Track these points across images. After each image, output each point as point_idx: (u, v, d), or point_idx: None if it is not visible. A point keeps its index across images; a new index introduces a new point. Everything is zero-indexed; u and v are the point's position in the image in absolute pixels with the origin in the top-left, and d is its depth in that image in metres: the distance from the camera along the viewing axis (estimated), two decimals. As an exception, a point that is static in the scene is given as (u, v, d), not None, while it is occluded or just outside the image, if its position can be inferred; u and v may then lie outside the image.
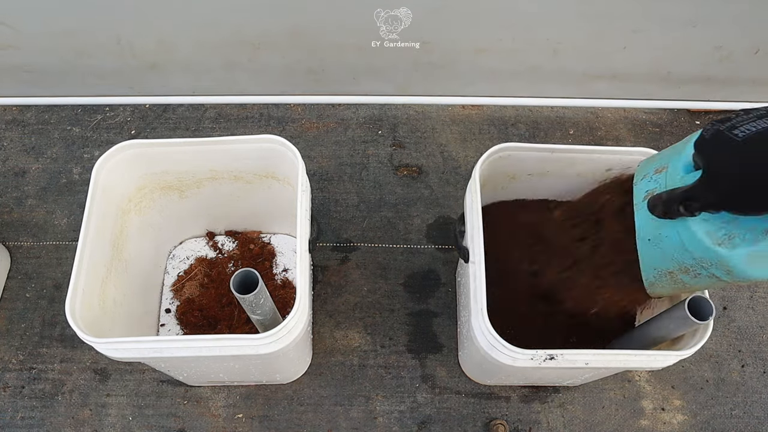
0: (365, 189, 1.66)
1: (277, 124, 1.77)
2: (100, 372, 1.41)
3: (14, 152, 1.71)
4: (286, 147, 1.15)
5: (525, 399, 1.39)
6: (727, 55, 1.56)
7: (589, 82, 1.70)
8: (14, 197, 1.64)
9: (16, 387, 1.39)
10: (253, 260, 1.50)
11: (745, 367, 1.45)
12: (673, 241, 0.80)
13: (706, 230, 0.75)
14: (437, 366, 1.43)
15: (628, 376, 1.43)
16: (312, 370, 1.42)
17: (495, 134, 1.76)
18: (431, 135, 1.75)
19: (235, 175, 1.28)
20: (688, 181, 0.75)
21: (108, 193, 1.15)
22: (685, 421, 1.39)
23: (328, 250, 1.57)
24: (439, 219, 1.62)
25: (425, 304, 1.50)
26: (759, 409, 1.40)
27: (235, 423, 1.36)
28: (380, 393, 1.39)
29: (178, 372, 1.23)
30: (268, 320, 1.07)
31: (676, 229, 0.79)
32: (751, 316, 1.51)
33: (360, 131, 1.76)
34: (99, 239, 1.11)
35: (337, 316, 1.48)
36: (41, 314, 1.47)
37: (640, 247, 0.87)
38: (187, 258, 1.52)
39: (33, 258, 1.55)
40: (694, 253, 0.78)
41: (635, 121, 1.80)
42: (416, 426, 1.36)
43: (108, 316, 1.11)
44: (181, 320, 1.42)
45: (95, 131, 1.75)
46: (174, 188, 1.31)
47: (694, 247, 0.77)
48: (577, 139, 1.76)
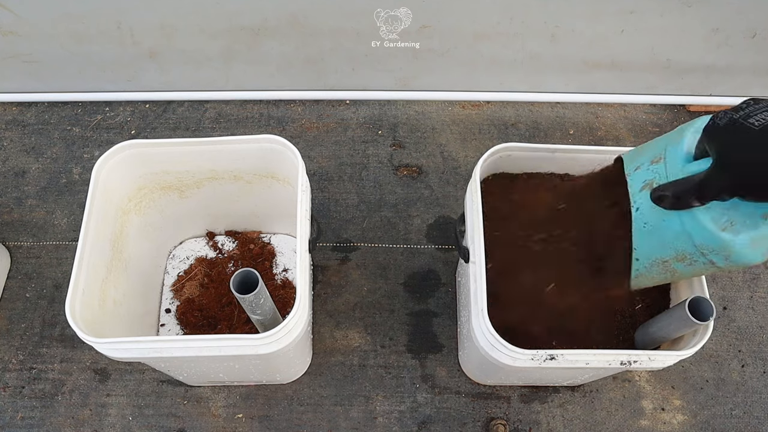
0: (365, 189, 1.66)
1: (277, 124, 1.77)
2: (100, 372, 1.41)
3: (14, 152, 1.71)
4: (286, 147, 1.15)
5: (525, 399, 1.39)
6: (725, 40, 1.56)
7: (589, 72, 1.69)
8: (14, 197, 1.64)
9: (16, 387, 1.39)
10: (253, 260, 1.50)
11: (745, 367, 1.45)
12: (674, 230, 0.81)
13: (711, 217, 0.76)
14: (437, 366, 1.43)
15: (628, 376, 1.43)
16: (312, 370, 1.42)
17: (495, 134, 1.76)
18: (431, 135, 1.75)
19: (235, 175, 1.28)
20: (691, 170, 0.76)
21: (108, 193, 1.15)
22: (685, 421, 1.39)
23: (328, 250, 1.57)
24: (439, 219, 1.62)
25: (425, 304, 1.50)
26: (759, 409, 1.40)
27: (235, 423, 1.36)
28: (380, 393, 1.39)
29: (178, 372, 1.23)
30: (268, 320, 1.07)
31: (679, 218, 0.79)
32: (751, 316, 1.51)
33: (360, 131, 1.76)
34: (99, 239, 1.11)
35: (337, 316, 1.48)
36: (41, 314, 1.47)
37: (636, 236, 0.87)
38: (187, 258, 1.52)
39: (33, 258, 1.55)
40: (696, 240, 0.79)
41: (635, 121, 1.80)
42: (416, 426, 1.36)
43: (108, 316, 1.11)
44: (181, 320, 1.42)
45: (95, 131, 1.75)
46: (174, 188, 1.31)
47: (698, 234, 0.78)
48: (577, 139, 1.76)
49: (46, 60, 1.64)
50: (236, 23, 1.53)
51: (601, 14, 1.50)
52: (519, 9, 1.49)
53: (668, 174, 0.80)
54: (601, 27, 1.54)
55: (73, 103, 1.80)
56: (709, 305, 0.94)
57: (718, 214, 0.75)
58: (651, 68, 1.68)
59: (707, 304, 0.94)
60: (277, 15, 1.51)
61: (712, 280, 1.55)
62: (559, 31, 1.55)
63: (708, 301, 0.94)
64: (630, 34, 1.55)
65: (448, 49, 1.62)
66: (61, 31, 1.55)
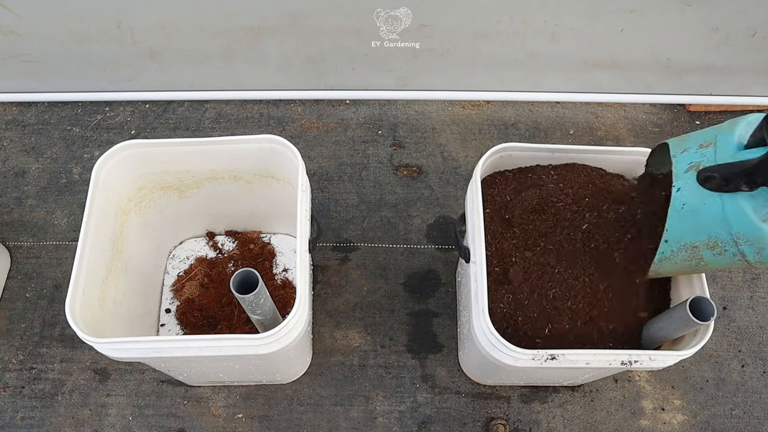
0: (365, 189, 1.66)
1: (277, 124, 1.77)
2: (100, 372, 1.41)
3: (14, 152, 1.71)
4: (286, 147, 1.15)
5: (525, 399, 1.39)
6: (725, 39, 1.56)
7: (589, 71, 1.69)
8: (14, 197, 1.64)
9: (16, 387, 1.39)
10: (253, 260, 1.50)
11: (745, 367, 1.45)
12: (713, 213, 0.82)
13: (753, 206, 0.77)
14: (437, 366, 1.43)
15: (628, 376, 1.43)
16: (312, 370, 1.42)
17: (495, 134, 1.76)
18: (431, 135, 1.75)
19: (235, 175, 1.28)
20: (742, 157, 0.78)
21: (108, 193, 1.15)
22: (685, 421, 1.39)
23: (328, 250, 1.57)
24: (439, 219, 1.62)
25: (425, 304, 1.50)
26: (759, 409, 1.40)
27: (235, 423, 1.36)
28: (380, 393, 1.39)
29: (178, 372, 1.23)
30: (268, 320, 1.07)
31: (721, 201, 0.80)
32: (751, 316, 1.51)
33: (360, 131, 1.76)
34: (99, 239, 1.11)
35: (337, 316, 1.48)
36: (41, 314, 1.47)
37: (672, 217, 0.88)
38: (187, 258, 1.52)
39: (33, 258, 1.55)
40: (733, 228, 0.80)
41: (635, 121, 1.80)
42: (416, 426, 1.36)
43: (108, 316, 1.11)
44: (181, 320, 1.42)
45: (95, 131, 1.75)
46: (174, 188, 1.31)
47: (737, 221, 0.79)
48: (577, 139, 1.76)
49: (46, 60, 1.64)
50: (236, 23, 1.53)
51: (601, 12, 1.50)
52: (519, 7, 1.49)
53: (717, 158, 0.82)
54: (601, 25, 1.54)
55: (73, 103, 1.80)
56: (709, 305, 0.94)
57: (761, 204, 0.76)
58: (651, 68, 1.68)
59: (708, 304, 0.94)
60: (277, 14, 1.51)
61: (712, 279, 1.55)
62: (559, 29, 1.55)
63: (709, 301, 0.94)
64: (630, 33, 1.55)
65: (448, 49, 1.62)
66: (61, 30, 1.55)
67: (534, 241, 1.11)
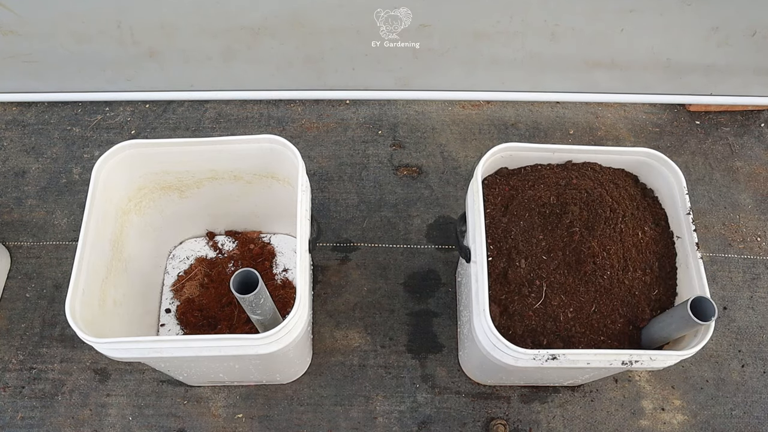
0: (365, 189, 1.66)
1: (277, 124, 1.77)
2: (100, 372, 1.41)
3: (14, 152, 1.71)
4: (286, 147, 1.15)
5: (525, 399, 1.39)
6: (725, 39, 1.56)
7: (589, 71, 1.69)
8: (14, 197, 1.64)
9: (16, 387, 1.39)
10: (253, 260, 1.49)
11: (745, 367, 1.45)
12: None
13: None
14: (437, 366, 1.43)
15: (628, 376, 1.43)
16: (312, 370, 1.42)
17: (495, 134, 1.76)
18: (431, 135, 1.75)
19: (235, 175, 1.28)
20: None
21: (108, 193, 1.15)
22: (685, 421, 1.39)
23: (328, 250, 1.57)
24: (439, 219, 1.62)
25: (425, 304, 1.50)
26: (759, 409, 1.40)
27: (235, 423, 1.36)
28: (380, 393, 1.39)
29: (178, 372, 1.23)
30: (268, 320, 1.07)
31: None
32: (751, 316, 1.51)
33: (360, 131, 1.76)
34: (99, 239, 1.11)
35: (337, 316, 1.48)
36: (41, 314, 1.47)
37: None
38: (187, 258, 1.51)
39: (33, 258, 1.55)
40: None
41: (635, 121, 1.80)
42: (416, 426, 1.36)
43: (108, 316, 1.11)
44: (181, 320, 1.42)
45: (95, 131, 1.75)
46: (174, 188, 1.31)
47: None
48: (577, 139, 1.76)
49: (46, 60, 1.64)
50: (236, 23, 1.53)
51: (601, 12, 1.50)
52: (519, 7, 1.49)
53: None
54: (601, 25, 1.53)
55: (73, 103, 1.79)
56: (710, 305, 0.94)
57: None
58: (651, 68, 1.68)
59: (709, 304, 0.94)
60: (277, 14, 1.51)
61: (712, 279, 1.55)
62: (559, 29, 1.55)
63: (709, 301, 0.94)
64: (630, 33, 1.55)
65: (448, 49, 1.62)
66: (61, 30, 1.55)
67: (535, 241, 1.11)
